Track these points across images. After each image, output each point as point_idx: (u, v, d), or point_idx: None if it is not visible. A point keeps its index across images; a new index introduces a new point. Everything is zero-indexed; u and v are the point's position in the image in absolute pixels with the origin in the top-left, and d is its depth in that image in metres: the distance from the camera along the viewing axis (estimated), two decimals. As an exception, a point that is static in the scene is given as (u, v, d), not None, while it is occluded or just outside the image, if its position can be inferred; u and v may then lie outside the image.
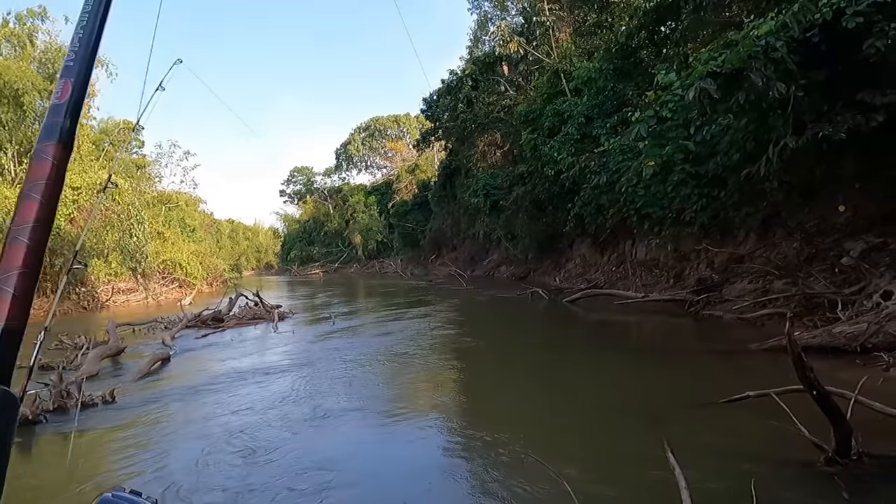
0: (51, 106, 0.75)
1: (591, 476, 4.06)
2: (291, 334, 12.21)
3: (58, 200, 0.71)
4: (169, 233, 27.78)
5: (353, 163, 62.77)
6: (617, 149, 14.82)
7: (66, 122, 0.74)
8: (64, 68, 0.77)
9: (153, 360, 8.88)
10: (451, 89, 29.13)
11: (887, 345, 6.39)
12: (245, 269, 55.40)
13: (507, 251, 27.40)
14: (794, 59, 7.58)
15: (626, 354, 8.91)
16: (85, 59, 0.78)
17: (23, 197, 0.69)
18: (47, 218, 0.69)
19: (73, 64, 0.77)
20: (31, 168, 0.71)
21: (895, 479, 3.53)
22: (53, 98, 0.75)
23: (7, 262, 0.65)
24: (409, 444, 5.22)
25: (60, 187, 0.72)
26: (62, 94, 0.75)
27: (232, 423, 5.78)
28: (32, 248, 0.67)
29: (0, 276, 0.64)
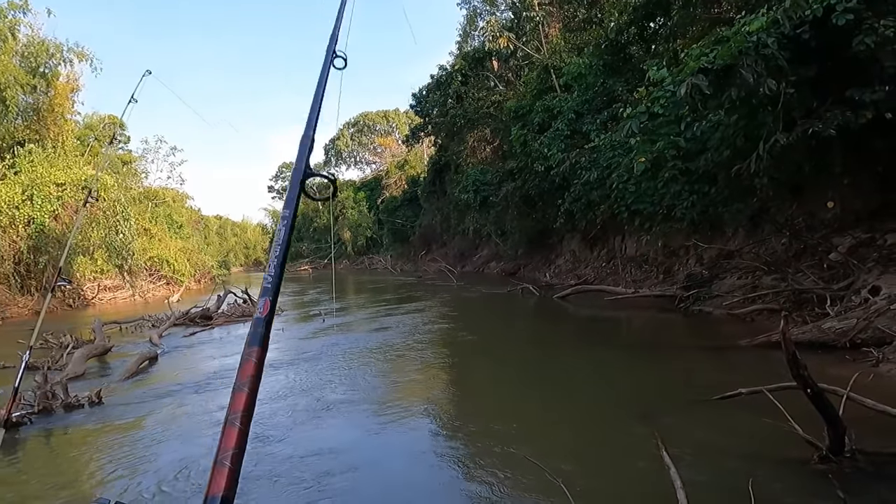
0: (254, 319, 0.95)
1: (584, 473, 4.04)
2: (281, 332, 12.12)
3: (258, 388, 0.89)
4: (156, 229, 27.48)
5: (342, 158, 62.53)
6: (607, 145, 14.84)
7: (263, 331, 0.93)
8: (263, 289, 0.98)
9: (141, 359, 8.76)
10: (441, 84, 29.02)
11: (876, 340, 6.44)
12: (233, 266, 55.04)
13: (497, 247, 27.40)
14: (784, 56, 7.60)
15: (617, 350, 8.92)
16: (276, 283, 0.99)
17: (236, 389, 0.86)
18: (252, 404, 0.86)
19: (270, 287, 0.98)
20: (241, 368, 0.89)
21: (889, 476, 3.55)
22: (257, 313, 0.95)
23: (226, 442, 0.81)
24: (403, 437, 5.19)
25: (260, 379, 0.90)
26: (263, 310, 0.94)
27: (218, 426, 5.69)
28: (243, 430, 0.82)
29: (221, 455, 0.80)
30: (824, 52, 7.94)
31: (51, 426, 5.91)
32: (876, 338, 6.49)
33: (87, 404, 6.43)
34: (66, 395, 6.43)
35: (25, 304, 18.31)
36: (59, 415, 6.17)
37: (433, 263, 32.13)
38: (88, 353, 9.11)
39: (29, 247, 19.05)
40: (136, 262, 23.31)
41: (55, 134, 22.70)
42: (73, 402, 6.37)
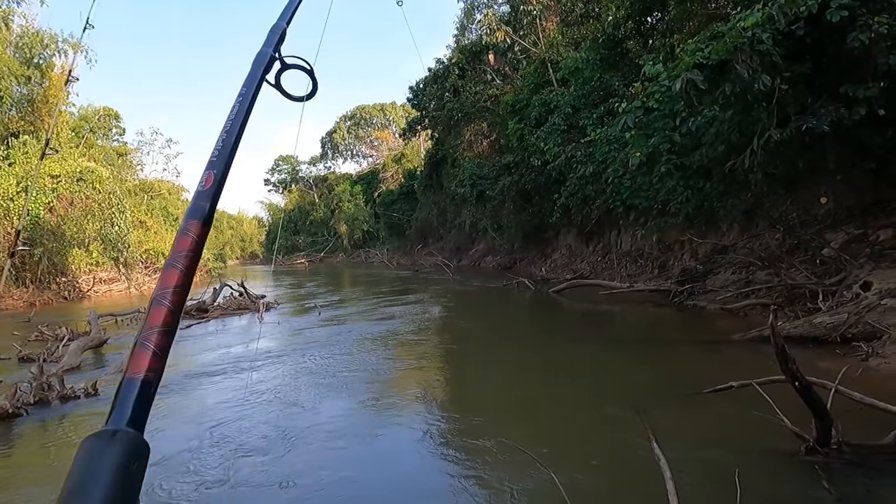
0: (197, 191, 0.89)
1: (575, 463, 4.10)
2: (277, 325, 12.15)
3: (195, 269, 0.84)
4: (151, 222, 27.37)
5: (338, 151, 62.35)
6: (603, 139, 14.86)
7: (207, 206, 0.87)
8: (209, 162, 0.92)
9: (136, 351, 8.76)
10: (438, 78, 28.94)
11: (867, 335, 6.51)
12: (229, 259, 54.86)
13: (493, 241, 27.44)
14: (779, 52, 7.64)
15: (611, 344, 8.98)
16: (226, 156, 0.93)
17: (167, 265, 0.80)
18: (186, 284, 0.81)
19: (217, 159, 0.92)
20: (177, 242, 0.83)
21: (874, 468, 3.61)
22: (199, 185, 0.89)
23: (150, 321, 0.75)
24: (397, 431, 5.23)
25: (199, 259, 0.85)
26: (206, 183, 0.89)
27: (218, 413, 5.74)
28: (172, 309, 0.77)
29: (143, 333, 0.73)
30: (819, 49, 7.98)
31: (47, 417, 5.94)
32: (866, 332, 6.56)
33: (82, 396, 6.45)
34: (62, 386, 6.45)
35: (20, 295, 18.27)
36: (55, 406, 6.19)
37: (429, 257, 32.16)
38: (84, 345, 9.11)
39: (17, 230, 18.96)
40: (132, 254, 23.24)
41: (50, 124, 22.55)
42: (69, 393, 6.39)
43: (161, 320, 0.74)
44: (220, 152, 0.93)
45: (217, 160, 0.91)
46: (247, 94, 1.03)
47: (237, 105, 1.01)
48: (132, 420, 0.72)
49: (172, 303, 0.77)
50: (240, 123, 0.98)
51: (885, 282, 7.42)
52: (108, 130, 31.82)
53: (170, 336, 0.75)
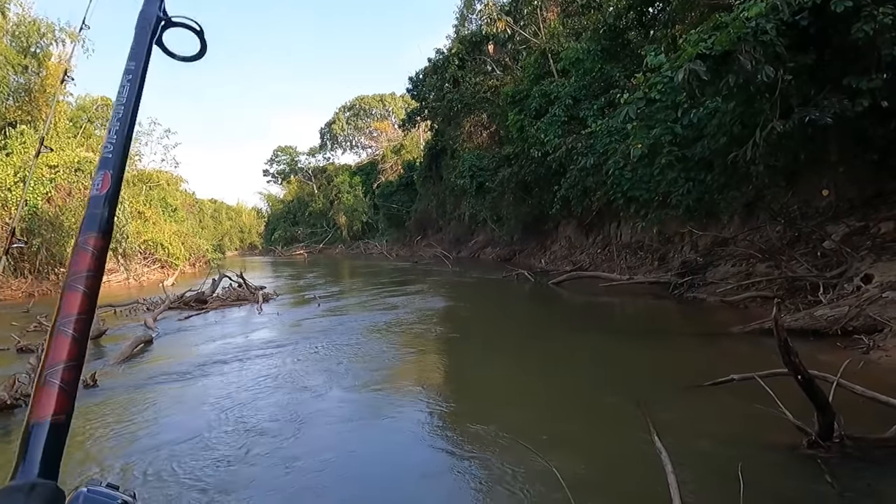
0: (91, 198, 0.76)
1: (576, 456, 4.10)
2: (276, 316, 12.13)
3: (99, 289, 0.72)
4: (150, 212, 27.29)
5: (337, 142, 62.09)
6: (604, 131, 14.78)
7: (105, 212, 0.76)
8: (102, 160, 0.78)
9: (136, 342, 8.75)
10: (438, 68, 28.77)
11: (867, 328, 6.50)
12: (228, 250, 54.85)
13: (493, 233, 27.40)
14: (783, 43, 7.57)
15: (611, 336, 8.97)
16: (121, 151, 0.80)
17: (67, 288, 0.70)
18: (91, 308, 0.70)
19: (112, 156, 0.79)
20: (74, 260, 0.72)
21: (876, 461, 3.60)
22: (94, 190, 0.77)
23: (54, 354, 0.66)
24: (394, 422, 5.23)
25: (101, 276, 0.73)
26: (102, 186, 0.77)
27: (218, 405, 5.73)
28: (77, 339, 0.68)
29: (48, 370, 0.65)
30: (822, 40, 7.91)
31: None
32: (867, 325, 6.54)
33: (81, 387, 6.42)
34: (61, 377, 6.42)
35: (19, 286, 18.25)
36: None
37: (429, 249, 32.12)
38: (83, 335, 9.08)
39: (22, 229, 18.92)
40: (131, 245, 23.20)
41: (47, 115, 22.43)
42: (68, 384, 6.37)
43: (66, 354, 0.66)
44: (115, 146, 0.79)
45: (112, 157, 0.78)
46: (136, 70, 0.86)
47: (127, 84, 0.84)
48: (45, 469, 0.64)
49: (77, 331, 0.68)
50: (132, 107, 0.83)
51: (886, 274, 7.40)
52: (106, 120, 31.59)
53: (78, 370, 0.67)
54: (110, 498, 0.74)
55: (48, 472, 0.64)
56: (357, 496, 3.89)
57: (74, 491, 0.72)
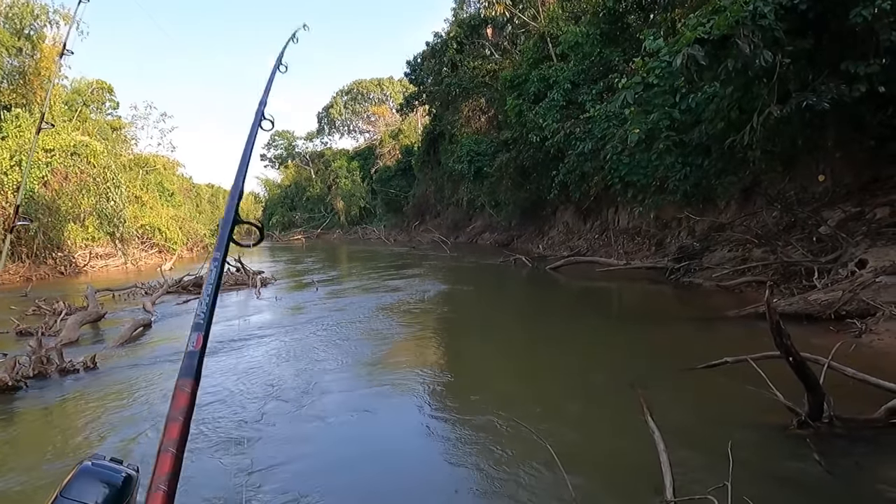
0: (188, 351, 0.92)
1: (570, 435, 4.18)
2: (274, 300, 12.19)
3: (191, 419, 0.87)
4: (147, 197, 27.20)
5: (335, 127, 61.69)
6: (602, 115, 14.74)
7: (197, 364, 0.91)
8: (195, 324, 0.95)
9: (134, 326, 8.80)
10: (436, 52, 28.55)
11: (860, 312, 6.57)
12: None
13: (491, 218, 27.40)
14: (781, 27, 7.54)
15: (607, 320, 9.05)
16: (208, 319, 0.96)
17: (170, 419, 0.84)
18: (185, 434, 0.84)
19: (202, 322, 0.95)
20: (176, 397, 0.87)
21: (864, 441, 3.67)
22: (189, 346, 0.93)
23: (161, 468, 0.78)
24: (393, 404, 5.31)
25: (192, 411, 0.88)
26: (196, 344, 0.93)
27: (217, 387, 5.79)
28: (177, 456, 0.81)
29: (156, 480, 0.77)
30: (821, 24, 7.89)
31: (46, 390, 5.97)
32: (860, 309, 6.62)
33: (81, 369, 6.49)
34: (61, 360, 6.48)
35: (16, 270, 18.24)
36: (54, 379, 6.23)
37: (427, 234, 32.13)
38: (82, 319, 9.14)
39: (16, 206, 18.82)
40: (128, 229, 23.14)
41: (42, 98, 22.25)
42: (68, 366, 6.43)
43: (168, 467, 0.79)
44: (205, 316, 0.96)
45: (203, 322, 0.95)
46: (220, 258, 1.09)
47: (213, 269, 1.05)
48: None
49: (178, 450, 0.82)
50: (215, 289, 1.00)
51: (881, 259, 7.45)
52: (102, 104, 31.40)
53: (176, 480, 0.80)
54: (113, 471, 0.78)
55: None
56: (369, 449, 4.34)
57: (78, 465, 0.75)
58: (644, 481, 3.34)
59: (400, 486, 3.78)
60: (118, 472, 0.79)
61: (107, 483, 0.80)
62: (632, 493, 3.40)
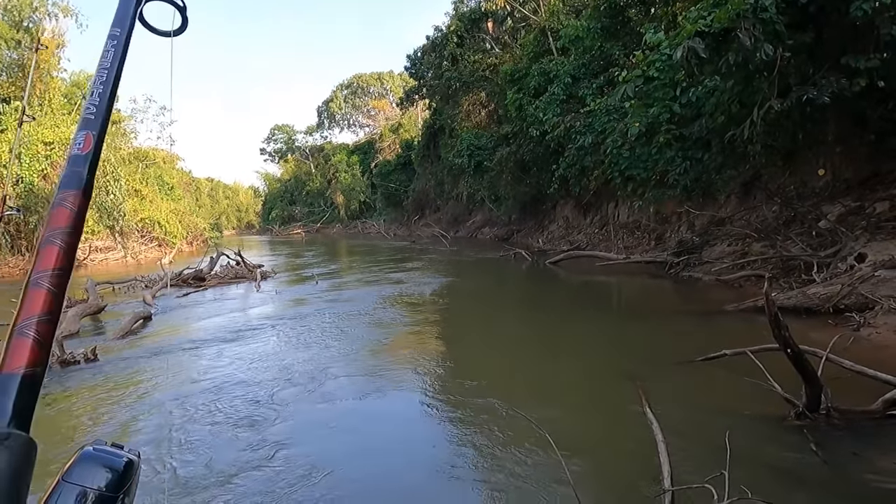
0: (71, 156, 0.77)
1: (569, 426, 4.20)
2: (274, 293, 12.19)
3: (77, 247, 0.72)
4: (147, 190, 27.22)
5: (335, 121, 61.60)
6: (603, 109, 14.73)
7: (85, 172, 0.76)
8: (83, 120, 0.79)
9: (135, 318, 8.82)
10: (436, 46, 28.47)
11: (859, 305, 6.58)
12: (225, 229, 54.81)
13: (491, 212, 27.40)
14: (782, 21, 7.53)
15: (607, 314, 9.07)
16: (103, 112, 0.81)
17: (44, 243, 0.70)
18: (68, 264, 0.70)
19: (94, 117, 0.80)
20: (53, 216, 0.72)
21: (860, 432, 3.69)
22: (74, 149, 0.77)
23: (28, 307, 0.66)
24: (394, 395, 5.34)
25: (80, 234, 0.73)
26: (84, 146, 0.78)
27: (217, 379, 5.82)
28: (54, 293, 0.68)
29: (21, 322, 0.65)
30: (822, 18, 7.87)
31: (47, 380, 5.96)
32: (859, 303, 6.63)
33: (82, 361, 6.51)
34: (62, 351, 6.50)
35: (16, 263, 18.27)
36: (55, 370, 6.25)
37: (426, 228, 32.15)
38: (82, 311, 9.15)
39: (18, 205, 18.85)
40: (128, 223, 23.17)
41: (42, 91, 22.22)
42: (69, 358, 6.45)
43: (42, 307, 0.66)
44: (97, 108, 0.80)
45: (94, 118, 0.79)
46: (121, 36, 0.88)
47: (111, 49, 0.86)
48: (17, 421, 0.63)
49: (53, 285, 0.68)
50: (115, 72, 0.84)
51: (880, 253, 7.46)
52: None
53: (53, 324, 0.67)
54: (115, 455, 0.78)
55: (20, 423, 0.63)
56: (375, 430, 4.56)
57: (80, 450, 0.76)
58: (642, 470, 3.36)
59: (402, 462, 3.96)
60: (120, 457, 0.78)
61: (108, 467, 0.77)
62: (630, 481, 3.42)
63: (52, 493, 0.66)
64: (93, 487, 0.69)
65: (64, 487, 0.67)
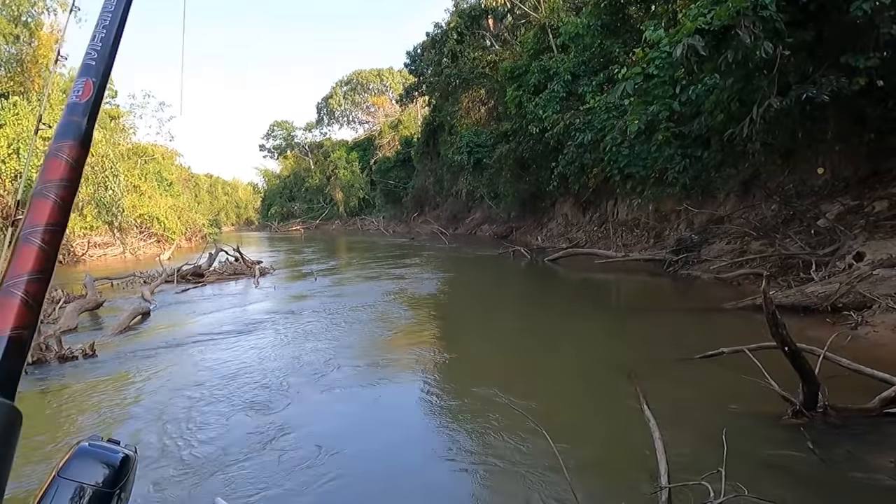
0: (69, 104, 0.72)
1: (567, 422, 4.22)
2: (273, 290, 12.20)
3: (73, 202, 0.68)
4: (145, 186, 27.12)
5: (334, 117, 61.51)
6: (602, 107, 14.71)
7: (84, 122, 0.71)
8: (84, 66, 0.74)
9: (133, 314, 8.81)
10: (436, 43, 28.43)
11: (857, 304, 6.59)
12: (224, 225, 54.77)
13: (490, 210, 27.39)
14: (783, 19, 7.52)
15: (606, 312, 9.08)
16: (105, 59, 0.75)
17: (36, 196, 0.65)
18: (62, 220, 0.65)
19: (95, 63, 0.74)
20: (46, 167, 0.67)
21: (857, 430, 3.70)
22: (73, 96, 0.72)
23: (18, 265, 0.61)
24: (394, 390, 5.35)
25: (76, 188, 0.68)
26: (83, 94, 0.72)
27: (215, 375, 5.83)
28: (46, 250, 0.63)
29: (10, 280, 0.60)
30: (822, 16, 7.86)
31: (45, 376, 5.99)
32: (857, 302, 6.63)
33: (80, 356, 6.50)
34: (60, 347, 6.50)
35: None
36: (53, 366, 6.25)
37: (425, 225, 32.13)
38: (80, 307, 9.15)
39: (17, 201, 18.76)
40: (126, 218, 23.12)
41: (40, 86, 22.16)
42: (67, 353, 6.45)
43: (32, 265, 0.61)
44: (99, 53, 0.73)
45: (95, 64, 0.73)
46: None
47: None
48: (1, 387, 0.58)
49: (46, 242, 0.62)
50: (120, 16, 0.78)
51: (878, 252, 7.47)
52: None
53: (44, 284, 0.62)
54: (111, 451, 0.76)
55: (5, 390, 0.59)
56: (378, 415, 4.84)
57: (76, 446, 0.75)
58: (639, 466, 3.37)
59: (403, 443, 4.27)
60: (116, 453, 0.76)
61: (105, 463, 0.75)
62: (627, 477, 3.42)
63: (48, 489, 0.64)
64: (89, 483, 0.68)
65: (60, 483, 0.66)
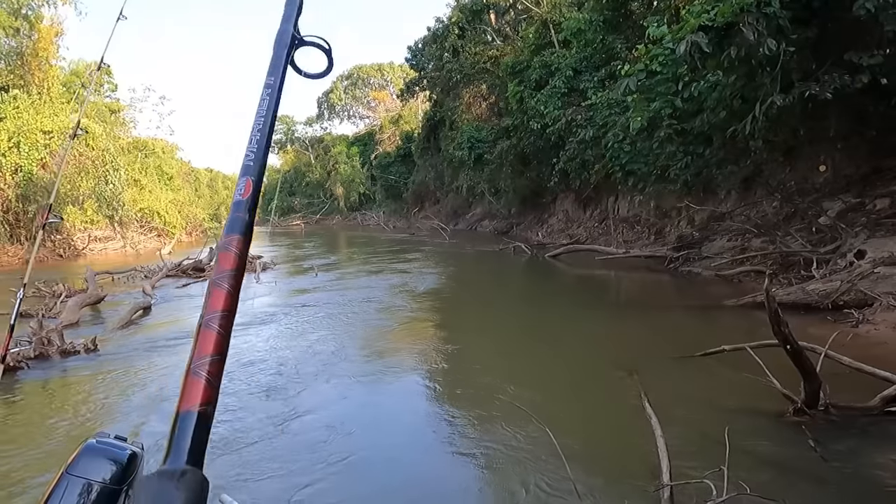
0: (234, 202, 0.81)
1: (569, 420, 4.22)
2: (275, 284, 12.20)
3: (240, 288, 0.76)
4: (146, 180, 27.09)
5: (335, 112, 61.34)
6: (604, 103, 14.70)
7: (247, 217, 0.80)
8: (244, 167, 0.83)
9: (134, 308, 8.82)
10: (437, 38, 28.37)
11: (858, 302, 6.61)
12: (224, 219, 54.66)
13: (491, 205, 27.38)
14: (786, 15, 7.50)
15: (606, 308, 9.09)
16: (261, 159, 0.85)
17: (213, 286, 0.73)
18: (233, 306, 0.73)
19: (253, 164, 0.83)
20: (220, 260, 0.76)
21: (858, 428, 3.72)
22: (237, 195, 0.81)
23: (201, 348, 0.69)
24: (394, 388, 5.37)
25: (242, 275, 0.77)
26: (245, 192, 0.81)
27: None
28: (222, 335, 0.71)
29: (196, 362, 0.68)
30: (825, 13, 7.84)
31: (47, 371, 6.00)
32: (858, 300, 6.65)
33: (82, 351, 6.51)
34: (62, 341, 6.50)
35: (15, 253, 18.24)
36: (55, 360, 6.26)
37: (426, 221, 32.11)
38: (82, 301, 9.15)
39: (17, 195, 18.82)
40: (127, 213, 23.10)
41: (40, 80, 22.08)
42: (69, 348, 6.45)
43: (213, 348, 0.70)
44: (256, 155, 0.84)
45: (253, 164, 0.83)
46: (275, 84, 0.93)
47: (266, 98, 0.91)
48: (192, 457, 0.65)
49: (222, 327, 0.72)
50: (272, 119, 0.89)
51: (879, 250, 7.48)
52: (100, 86, 31.19)
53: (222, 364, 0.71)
54: (118, 448, 0.78)
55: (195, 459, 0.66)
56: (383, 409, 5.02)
57: (83, 443, 0.76)
58: (641, 464, 3.38)
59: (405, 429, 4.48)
60: (123, 450, 0.78)
61: (112, 460, 0.76)
62: (629, 475, 3.43)
63: (56, 486, 0.66)
64: (96, 480, 0.69)
65: (68, 480, 0.67)
